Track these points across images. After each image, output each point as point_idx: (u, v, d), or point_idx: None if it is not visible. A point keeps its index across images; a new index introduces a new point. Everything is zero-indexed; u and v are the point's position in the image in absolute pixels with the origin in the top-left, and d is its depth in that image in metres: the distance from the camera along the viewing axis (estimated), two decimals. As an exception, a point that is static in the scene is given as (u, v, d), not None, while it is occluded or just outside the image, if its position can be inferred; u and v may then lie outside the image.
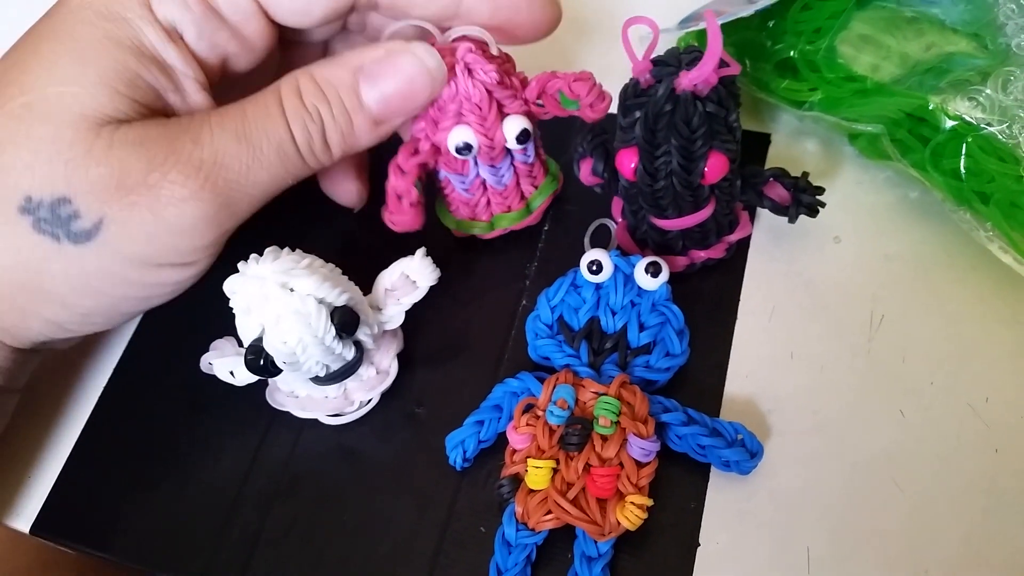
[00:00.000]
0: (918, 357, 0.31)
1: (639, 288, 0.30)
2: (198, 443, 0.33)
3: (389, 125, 0.29)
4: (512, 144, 0.31)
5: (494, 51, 0.30)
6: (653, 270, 0.30)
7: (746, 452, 0.28)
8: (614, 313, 0.30)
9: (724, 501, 0.29)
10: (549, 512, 0.27)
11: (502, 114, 0.30)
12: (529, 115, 0.31)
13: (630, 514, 0.27)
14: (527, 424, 0.29)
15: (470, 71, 0.29)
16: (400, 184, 0.31)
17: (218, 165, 0.26)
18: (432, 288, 0.31)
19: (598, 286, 0.31)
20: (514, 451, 0.29)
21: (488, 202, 0.34)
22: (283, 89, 0.27)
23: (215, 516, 0.31)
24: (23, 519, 0.32)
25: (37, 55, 0.26)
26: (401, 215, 0.31)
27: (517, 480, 0.28)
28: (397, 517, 0.30)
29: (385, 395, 0.32)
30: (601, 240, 0.33)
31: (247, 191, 0.27)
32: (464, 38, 0.30)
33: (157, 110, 0.27)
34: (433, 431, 0.31)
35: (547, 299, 0.31)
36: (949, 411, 0.30)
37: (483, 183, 0.33)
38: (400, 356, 0.32)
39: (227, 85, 0.30)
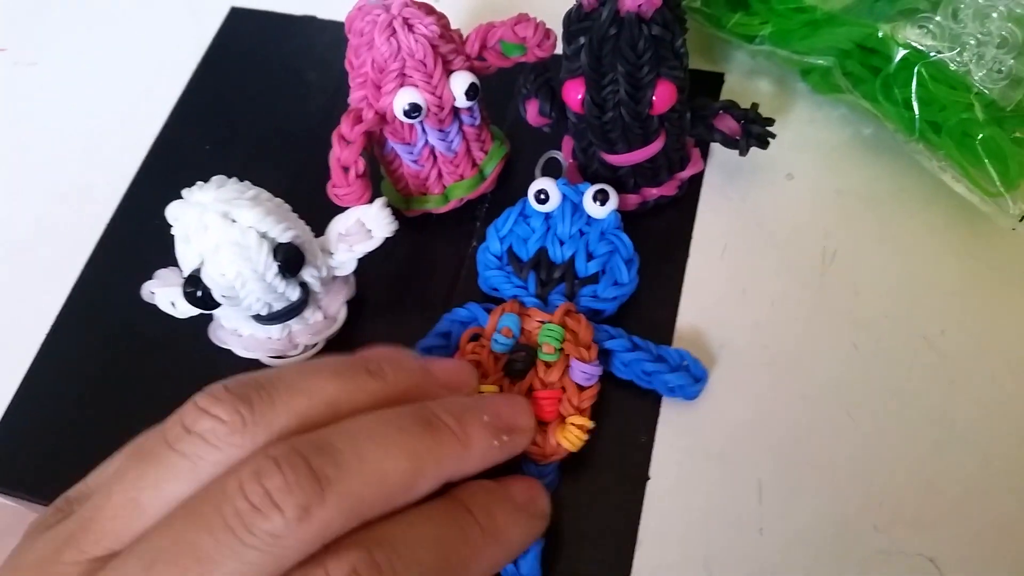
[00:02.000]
0: (871, 290, 0.31)
1: (588, 217, 0.30)
2: (141, 388, 0.32)
3: None
4: (461, 101, 0.29)
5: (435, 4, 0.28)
6: (602, 197, 0.29)
7: (690, 376, 0.28)
8: (562, 243, 0.30)
9: (675, 434, 0.29)
10: (491, 437, 0.27)
11: (447, 71, 0.29)
12: (472, 71, 0.30)
13: (570, 435, 0.26)
14: (473, 352, 0.28)
15: (410, 26, 0.28)
16: (345, 155, 0.29)
17: None
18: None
19: (547, 216, 0.30)
20: (458, 379, 0.28)
21: (440, 173, 0.32)
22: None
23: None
24: (-41, 465, 0.31)
25: None
26: (347, 188, 0.30)
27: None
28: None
29: (332, 341, 0.31)
30: (552, 172, 0.32)
31: None
32: None
33: None
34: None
35: (496, 230, 0.31)
36: (903, 344, 0.30)
37: (432, 152, 0.32)
38: (351, 303, 0.32)
39: None
